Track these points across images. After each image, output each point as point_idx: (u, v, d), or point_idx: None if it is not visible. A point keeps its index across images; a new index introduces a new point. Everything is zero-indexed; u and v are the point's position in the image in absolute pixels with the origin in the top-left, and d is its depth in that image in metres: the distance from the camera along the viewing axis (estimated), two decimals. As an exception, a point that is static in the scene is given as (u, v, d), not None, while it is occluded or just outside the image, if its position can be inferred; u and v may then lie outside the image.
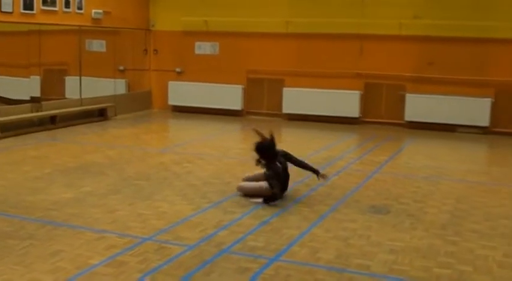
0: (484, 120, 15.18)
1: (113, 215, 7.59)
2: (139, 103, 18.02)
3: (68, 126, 14.61)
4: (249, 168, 10.48)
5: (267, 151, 8.50)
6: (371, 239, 6.97)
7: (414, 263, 6.23)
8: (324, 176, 8.68)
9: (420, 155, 12.56)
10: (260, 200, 8.22)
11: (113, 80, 17.25)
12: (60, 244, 6.50)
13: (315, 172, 8.67)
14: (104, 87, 17.02)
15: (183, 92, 17.82)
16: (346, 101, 16.23)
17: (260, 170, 8.61)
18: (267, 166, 8.39)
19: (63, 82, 16.69)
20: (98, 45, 17.49)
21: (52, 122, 14.33)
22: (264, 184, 8.35)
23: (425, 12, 15.52)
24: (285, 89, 16.82)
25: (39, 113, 14.17)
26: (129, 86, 18.18)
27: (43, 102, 14.52)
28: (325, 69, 16.47)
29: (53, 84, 16.51)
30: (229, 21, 17.16)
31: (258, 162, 8.52)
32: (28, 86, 15.11)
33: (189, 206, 8.07)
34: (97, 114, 15.97)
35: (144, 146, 12.77)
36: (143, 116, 17.27)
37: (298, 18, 16.56)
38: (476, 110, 15.23)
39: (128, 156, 11.47)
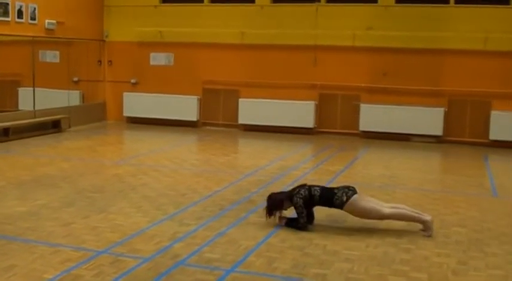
0: (437, 130, 15.41)
1: (67, 229, 7.50)
2: (94, 115, 17.88)
3: (21, 138, 14.41)
4: (204, 179, 10.48)
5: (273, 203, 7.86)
6: (327, 248, 7.01)
7: (370, 272, 6.28)
8: None
9: (375, 165, 12.67)
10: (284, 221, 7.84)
11: (67, 91, 17.07)
12: (14, 259, 6.39)
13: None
14: (58, 98, 16.82)
15: (138, 103, 17.73)
16: (301, 112, 16.31)
17: None
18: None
19: (16, 94, 16.48)
20: (51, 56, 17.31)
21: (5, 134, 14.12)
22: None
23: (379, 23, 15.71)
24: (240, 100, 16.85)
25: (-8, 126, 13.97)
26: (83, 98, 18.01)
27: (-4, 115, 14.32)
28: (280, 80, 16.55)
29: (5, 95, 16.28)
30: (184, 32, 17.14)
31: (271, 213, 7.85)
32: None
33: (144, 218, 8.01)
34: (51, 126, 15.78)
35: (99, 158, 12.66)
36: (98, 127, 17.12)
37: (253, 29, 16.62)
38: (429, 119, 15.46)
39: (83, 168, 11.35)
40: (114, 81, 18.17)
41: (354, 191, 7.71)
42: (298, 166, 11.96)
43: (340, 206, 7.65)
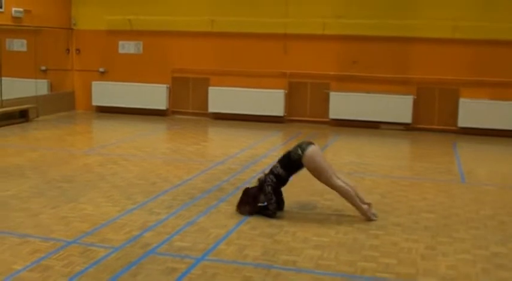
0: (406, 117, 15.52)
1: (36, 219, 7.45)
2: (63, 104, 17.72)
3: (-12, 128, 14.28)
4: (174, 168, 10.46)
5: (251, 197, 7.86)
6: (297, 235, 7.04)
7: (340, 258, 6.32)
8: None
9: (345, 152, 12.73)
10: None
11: (34, 80, 16.87)
12: (-18, 250, 6.35)
13: None
14: (26, 88, 16.63)
15: (107, 92, 17.61)
16: (271, 100, 16.32)
17: None
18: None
19: (-18, 83, 16.30)
20: (18, 45, 17.11)
21: (-29, 125, 13.98)
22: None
23: (348, 11, 15.74)
24: (210, 88, 16.80)
25: (-42, 116, 13.80)
26: (51, 87, 17.81)
27: (-38, 105, 14.14)
28: (250, 69, 16.53)
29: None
30: (153, 20, 17.03)
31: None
32: None
33: (114, 208, 7.98)
34: (18, 116, 15.60)
35: (68, 147, 12.56)
36: (67, 117, 16.99)
37: (222, 17, 16.56)
38: (398, 107, 15.55)
39: (51, 158, 11.26)
40: (82, 70, 18.01)
41: (310, 143, 7.77)
42: (268, 154, 11.97)
43: (299, 161, 7.65)
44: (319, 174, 7.75)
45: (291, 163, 7.76)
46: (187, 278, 5.71)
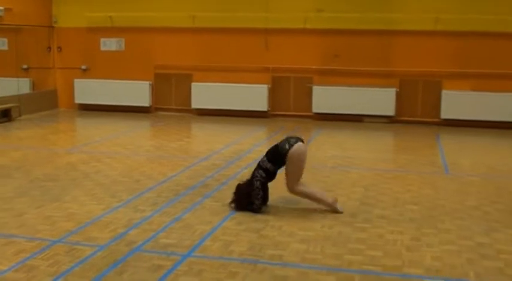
0: (389, 110, 15.57)
1: (20, 219, 7.40)
2: (45, 103, 17.62)
3: (-30, 128, 14.17)
4: (158, 165, 10.44)
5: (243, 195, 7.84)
6: (282, 229, 7.05)
7: (326, 251, 6.34)
8: None
9: (328, 146, 12.75)
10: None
11: (16, 79, 16.77)
12: (-34, 250, 6.31)
13: None
14: (7, 87, 16.49)
15: (90, 90, 17.53)
16: (254, 95, 16.32)
17: None
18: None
19: (-37, 83, 16.19)
20: (-1, 44, 17.02)
21: (-47, 125, 13.86)
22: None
23: (329, 5, 15.76)
24: (193, 84, 16.78)
25: None
26: (33, 85, 17.72)
27: None
28: (233, 64, 16.52)
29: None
30: (134, 16, 16.97)
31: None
32: None
33: (99, 206, 7.95)
34: (0, 116, 15.49)
35: (51, 146, 12.50)
36: (49, 115, 16.90)
37: (203, 12, 16.52)
38: (381, 100, 15.61)
39: (35, 157, 11.20)
40: (64, 68, 17.92)
41: (298, 140, 7.77)
42: (253, 149, 11.97)
43: (285, 155, 7.64)
44: (290, 172, 7.74)
45: (277, 156, 7.75)
46: (174, 275, 5.70)
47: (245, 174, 9.69)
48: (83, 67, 17.75)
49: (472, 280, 5.69)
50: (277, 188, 8.48)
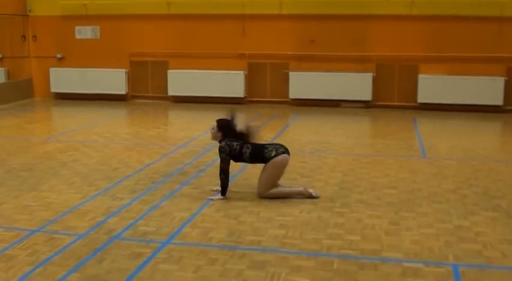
0: (366, 95, 15.63)
1: (-3, 209, 7.37)
2: (21, 92, 17.47)
3: None
4: (136, 153, 10.40)
5: (226, 127, 8.02)
6: (261, 215, 7.07)
7: (305, 236, 6.36)
8: None
9: (306, 131, 12.78)
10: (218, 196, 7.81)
11: (-9, 68, 16.65)
12: None
13: None
14: (-18, 76, 16.40)
15: (66, 78, 17.41)
16: (231, 82, 16.30)
17: None
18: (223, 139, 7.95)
19: None
20: (-28, 33, 16.84)
21: None
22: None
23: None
24: (169, 71, 16.72)
25: None
26: (8, 75, 17.57)
27: None
28: (209, 50, 16.47)
29: None
30: (109, 3, 16.86)
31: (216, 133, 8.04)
32: None
33: (77, 195, 7.91)
34: (-25, 106, 15.39)
35: (28, 136, 12.41)
36: (25, 105, 16.77)
37: (179, -1, 16.47)
38: (358, 85, 15.66)
39: (11, 147, 11.11)
40: (39, 56, 17.77)
41: (286, 151, 7.79)
42: (230, 136, 11.94)
43: (268, 160, 7.68)
44: (266, 180, 7.76)
45: (260, 156, 7.76)
46: (153, 262, 5.70)
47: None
48: (58, 56, 17.61)
49: (451, 262, 5.74)
50: (255, 174, 8.49)
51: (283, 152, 7.74)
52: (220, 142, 7.89)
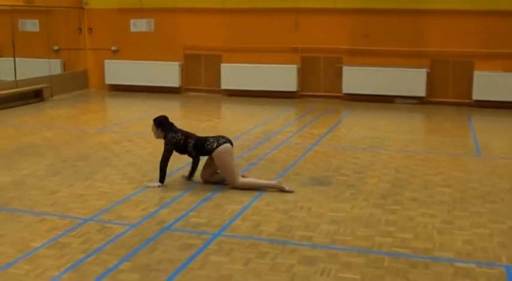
0: (420, 91, 15.42)
1: (53, 197, 7.49)
2: (76, 83, 17.73)
3: (3, 109, 14.27)
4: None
5: (162, 123, 8.27)
6: (312, 210, 7.05)
7: (356, 233, 6.32)
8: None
9: (359, 127, 12.70)
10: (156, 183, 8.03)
11: (48, 60, 16.90)
12: (1, 228, 6.40)
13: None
14: (39, 67, 16.64)
15: (120, 70, 17.60)
16: (283, 76, 16.26)
17: None
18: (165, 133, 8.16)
19: (-4, 64, 16.34)
20: (31, 25, 17.14)
21: (-14, 105, 14.01)
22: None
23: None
24: (222, 65, 16.76)
25: (-28, 96, 13.84)
26: (64, 66, 17.87)
27: (-24, 85, 14.17)
28: (262, 44, 16.46)
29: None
30: (164, -3, 17.02)
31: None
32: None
33: (130, 185, 8.01)
34: (33, 96, 15.63)
35: (82, 126, 12.60)
36: (80, 96, 17.02)
37: (233, -7, 16.50)
38: (412, 80, 15.46)
39: (66, 137, 11.30)
40: (94, 48, 18.01)
41: (227, 141, 7.93)
42: (282, 130, 11.96)
43: (210, 152, 7.88)
44: (225, 171, 7.89)
45: (202, 149, 7.97)
46: (204, 253, 5.74)
47: (275, 154, 9.74)
48: (113, 48, 17.81)
49: (504, 264, 5.64)
50: (307, 168, 8.50)
51: (224, 142, 7.90)
52: (164, 137, 8.10)
